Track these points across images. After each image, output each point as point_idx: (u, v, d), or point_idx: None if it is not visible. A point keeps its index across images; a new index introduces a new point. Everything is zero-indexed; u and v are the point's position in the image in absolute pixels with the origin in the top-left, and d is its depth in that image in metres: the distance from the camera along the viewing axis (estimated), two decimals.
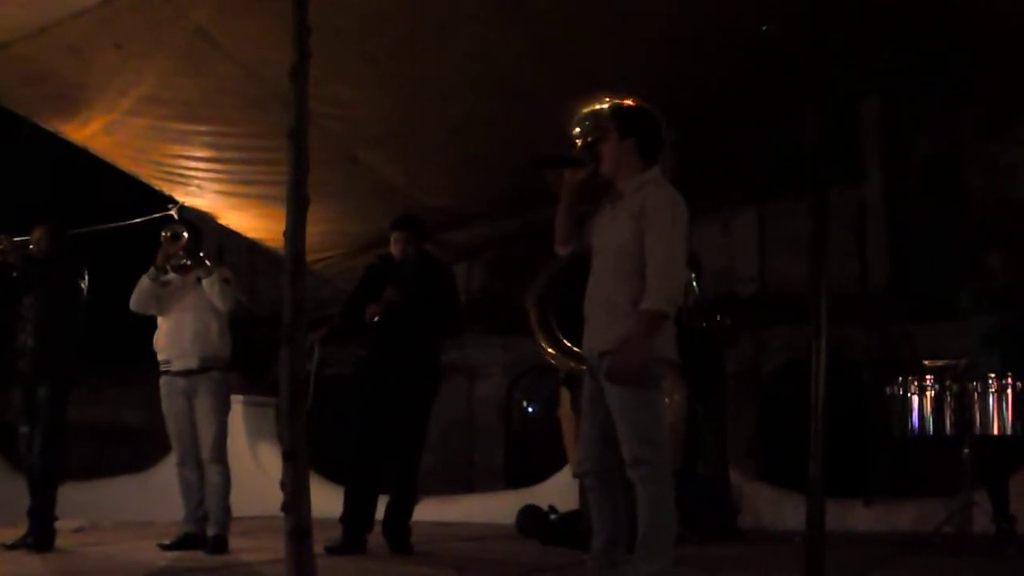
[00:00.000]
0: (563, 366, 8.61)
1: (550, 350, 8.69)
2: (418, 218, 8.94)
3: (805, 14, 7.75)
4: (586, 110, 6.35)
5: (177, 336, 8.86)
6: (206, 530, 8.69)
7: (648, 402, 5.90)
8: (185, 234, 8.85)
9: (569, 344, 8.42)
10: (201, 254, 8.92)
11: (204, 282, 8.71)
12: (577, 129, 6.24)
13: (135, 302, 8.98)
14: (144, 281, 8.93)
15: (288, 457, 4.31)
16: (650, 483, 5.89)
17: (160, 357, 8.96)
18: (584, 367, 6.76)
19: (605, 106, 6.18)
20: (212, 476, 8.72)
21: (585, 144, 6.06)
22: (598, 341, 5.98)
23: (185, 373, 8.79)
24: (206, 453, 8.71)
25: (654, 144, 6.09)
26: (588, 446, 6.14)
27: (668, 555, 5.96)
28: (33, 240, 8.93)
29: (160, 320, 9.02)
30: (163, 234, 8.91)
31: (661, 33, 8.93)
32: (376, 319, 8.48)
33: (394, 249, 8.74)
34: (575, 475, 8.97)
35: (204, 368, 8.76)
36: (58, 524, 8.92)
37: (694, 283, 9.94)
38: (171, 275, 8.92)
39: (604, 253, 6.01)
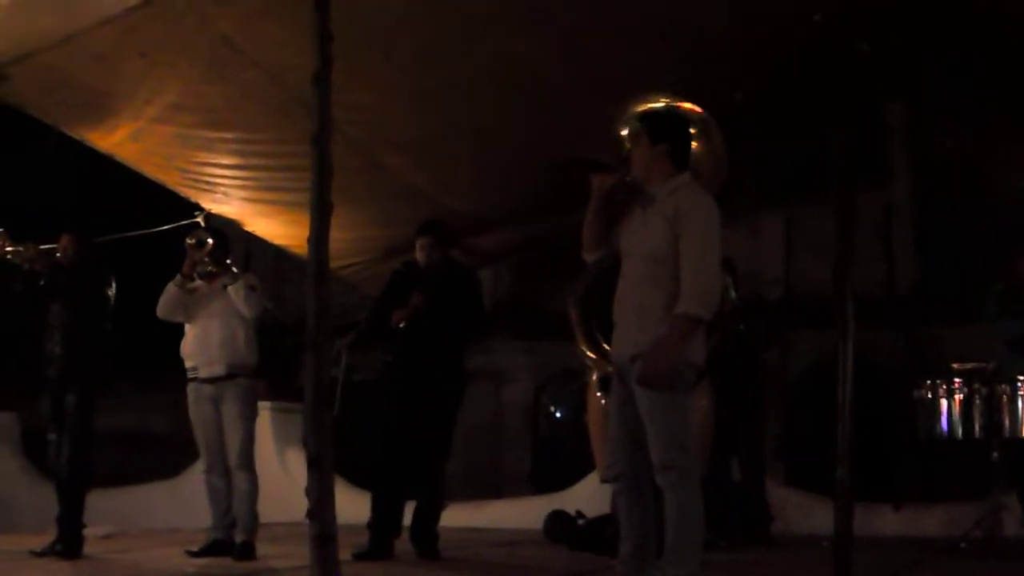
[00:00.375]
0: (602, 370, 8.60)
1: (590, 353, 8.69)
2: (443, 223, 8.95)
3: (832, 18, 7.77)
4: (626, 114, 6.40)
5: (204, 343, 8.88)
6: (234, 537, 8.70)
7: (678, 406, 5.89)
8: (210, 240, 8.88)
9: (609, 348, 8.43)
10: (228, 261, 8.94)
11: (230, 289, 8.73)
12: (625, 131, 6.26)
13: (162, 309, 9.01)
14: (170, 288, 8.96)
15: (313, 464, 4.32)
16: (679, 488, 5.89)
17: (187, 364, 8.99)
18: None
19: (637, 111, 6.20)
20: (240, 483, 8.74)
21: (617, 153, 6.12)
22: (628, 345, 5.97)
23: (212, 380, 8.81)
24: (233, 460, 8.73)
25: (686, 149, 6.09)
26: (617, 450, 6.13)
27: (696, 560, 5.95)
28: (59, 248, 8.97)
29: (187, 327, 9.06)
30: (188, 241, 8.94)
31: (687, 36, 8.90)
32: (402, 324, 8.49)
33: (419, 255, 8.75)
34: (603, 480, 8.99)
35: (231, 375, 8.78)
36: (86, 531, 8.94)
37: (730, 288, 9.94)
38: (198, 282, 8.95)
39: (635, 258, 6.00)
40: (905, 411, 10.72)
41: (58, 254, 8.96)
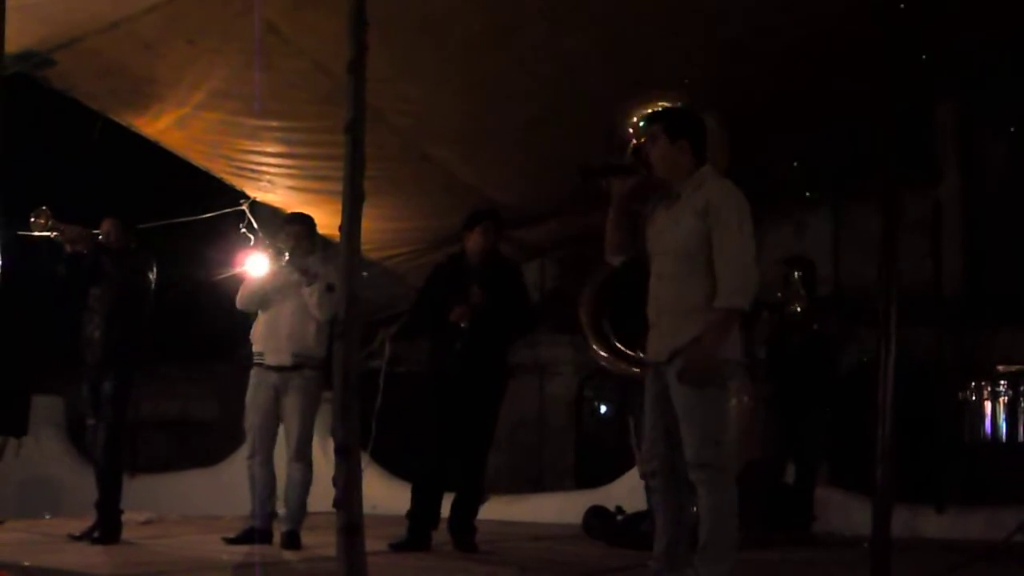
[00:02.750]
0: (616, 370, 8.56)
1: (603, 353, 8.65)
2: (497, 210, 8.92)
3: (881, 15, 7.69)
4: (633, 118, 6.38)
5: (273, 331, 8.89)
6: (271, 526, 8.71)
7: (713, 402, 5.85)
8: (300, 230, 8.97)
9: (622, 348, 8.38)
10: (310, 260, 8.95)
11: (306, 291, 8.70)
12: (631, 134, 6.25)
13: (243, 301, 9.04)
14: (253, 281, 9.02)
15: (340, 453, 4.30)
16: (712, 486, 5.84)
17: (255, 348, 9.00)
18: (636, 370, 6.77)
19: (648, 112, 6.19)
20: (295, 473, 8.77)
21: (633, 151, 6.18)
22: (666, 343, 5.93)
23: (278, 368, 8.81)
24: (291, 451, 8.74)
25: (704, 143, 6.08)
26: (653, 446, 6.09)
27: (730, 559, 5.91)
28: (102, 233, 8.99)
29: (260, 313, 9.05)
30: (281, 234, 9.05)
31: (733, 31, 8.85)
32: (464, 324, 8.44)
33: (478, 240, 8.68)
34: (641, 475, 8.96)
35: (297, 366, 8.77)
36: (125, 516, 8.97)
37: (800, 284, 9.88)
38: (280, 269, 9.02)
39: (666, 256, 5.98)
40: (950, 413, 10.65)
41: (100, 237, 8.99)
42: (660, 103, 6.66)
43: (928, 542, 9.60)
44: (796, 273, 9.99)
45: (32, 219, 8.73)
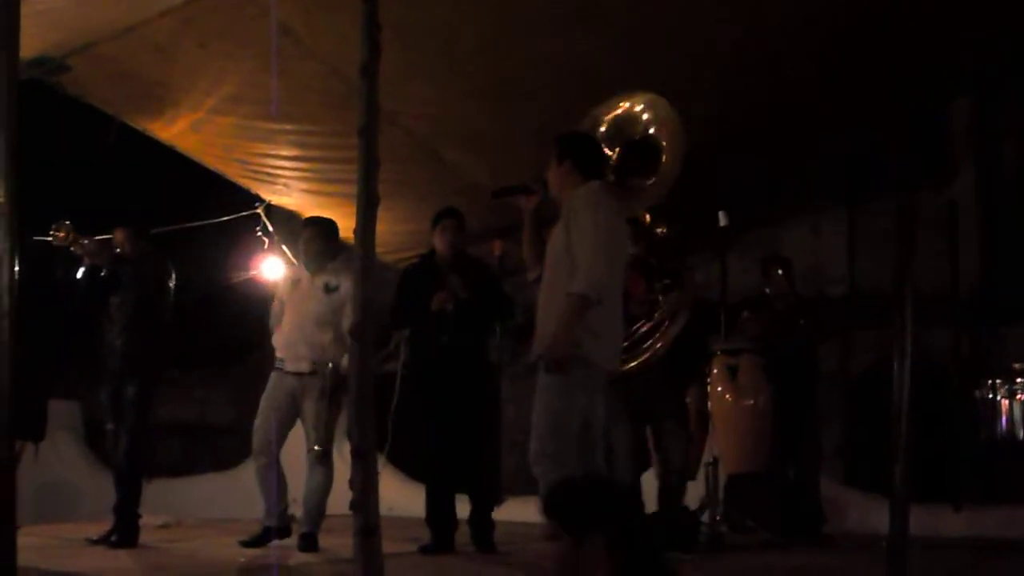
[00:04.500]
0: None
1: None
2: (458, 209, 8.93)
3: (892, 15, 7.69)
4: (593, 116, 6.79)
5: (292, 339, 8.97)
6: (287, 522, 8.74)
7: (554, 394, 6.11)
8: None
9: None
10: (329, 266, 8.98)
11: (346, 314, 8.70)
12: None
13: (272, 321, 9.18)
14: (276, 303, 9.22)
15: (357, 455, 4.31)
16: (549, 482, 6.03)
17: (277, 354, 9.09)
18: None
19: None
20: (315, 475, 8.81)
21: (537, 173, 6.59)
22: (536, 345, 6.24)
23: (296, 374, 8.84)
24: (310, 454, 8.77)
25: (591, 162, 6.47)
26: None
27: None
28: (116, 241, 9.03)
29: (284, 319, 9.09)
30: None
31: (747, 32, 8.83)
32: (449, 306, 8.45)
33: (441, 239, 8.73)
34: (657, 477, 8.99)
35: (315, 372, 8.80)
36: (143, 520, 9.02)
37: (784, 280, 9.89)
38: (301, 275, 9.06)
39: (547, 267, 6.34)
40: (966, 411, 10.62)
41: (117, 248, 9.03)
42: (621, 102, 6.94)
43: (945, 541, 9.57)
44: (779, 270, 10.00)
45: (52, 232, 8.78)
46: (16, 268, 2.63)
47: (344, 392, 8.75)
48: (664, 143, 7.06)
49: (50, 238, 8.76)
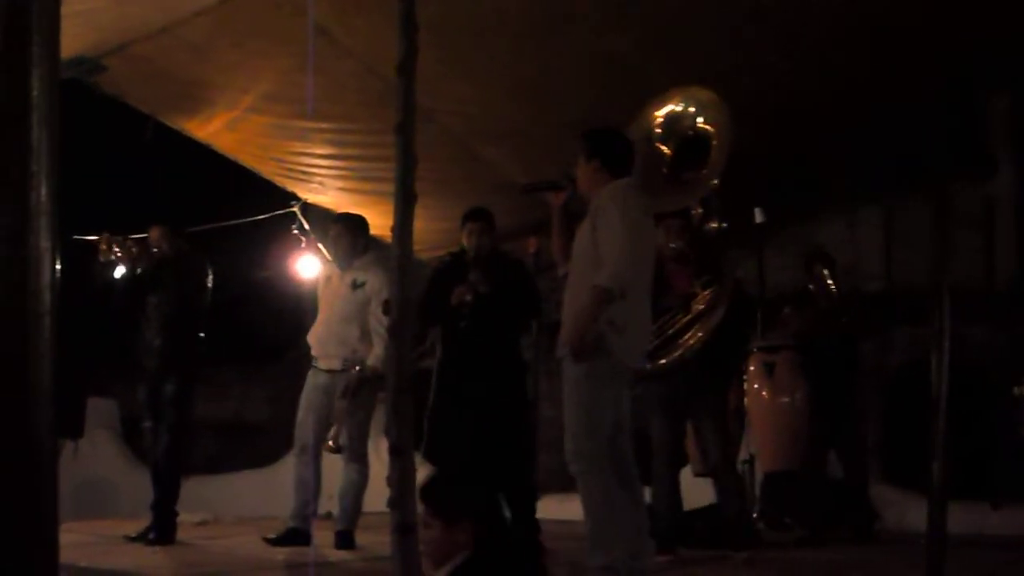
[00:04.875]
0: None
1: None
2: (487, 210, 8.89)
3: (930, 8, 7.65)
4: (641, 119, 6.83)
5: (324, 337, 9.00)
6: (310, 527, 8.71)
7: (587, 392, 6.17)
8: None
9: None
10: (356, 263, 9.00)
11: (376, 311, 8.72)
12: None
13: None
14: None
15: (395, 453, 4.31)
16: (589, 481, 6.16)
17: (312, 352, 9.13)
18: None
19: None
20: (349, 473, 8.81)
21: (566, 170, 6.62)
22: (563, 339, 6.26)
23: (328, 371, 8.88)
24: (345, 452, 8.78)
25: (620, 160, 6.47)
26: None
27: (611, 549, 6.12)
28: (152, 240, 9.07)
29: (318, 317, 9.14)
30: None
31: (784, 27, 8.80)
32: (468, 297, 8.42)
33: (467, 241, 8.69)
34: (695, 474, 8.97)
35: (346, 369, 8.81)
36: (180, 518, 9.06)
37: (827, 277, 9.84)
38: (332, 272, 9.09)
39: (574, 263, 6.40)
40: (1004, 408, 10.56)
41: (154, 248, 9.07)
42: (674, 100, 6.96)
43: (984, 538, 9.53)
44: (822, 267, 9.94)
45: (94, 244, 8.85)
46: (57, 267, 2.64)
47: (373, 390, 8.77)
48: (713, 132, 7.12)
49: (92, 238, 8.81)
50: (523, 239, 10.50)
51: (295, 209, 11.80)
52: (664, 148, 7.29)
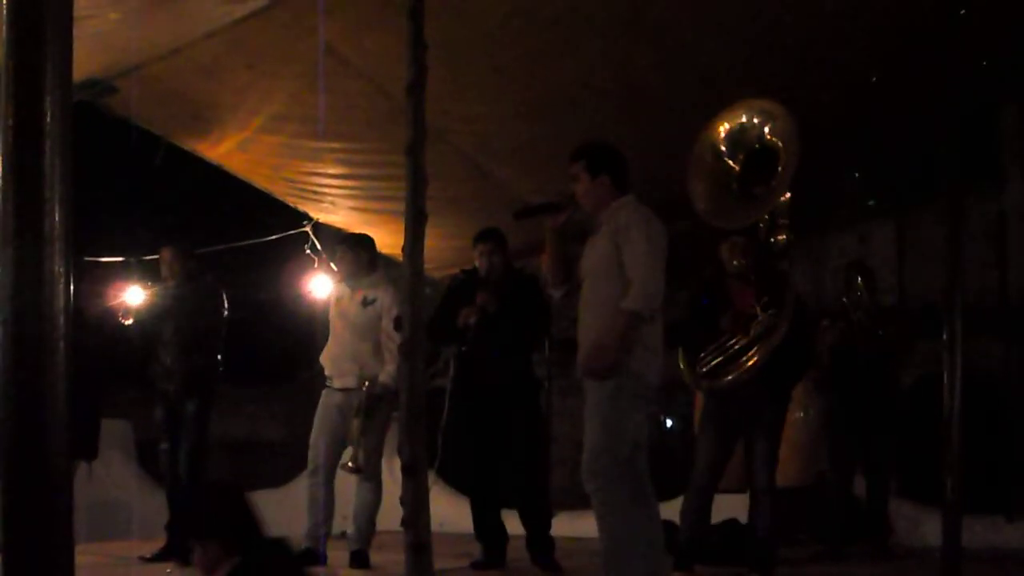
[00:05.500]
0: (696, 385, 8.57)
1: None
2: (499, 230, 8.88)
3: (941, 21, 7.65)
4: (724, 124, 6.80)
5: (337, 355, 9.02)
6: (322, 548, 8.71)
7: (611, 412, 6.09)
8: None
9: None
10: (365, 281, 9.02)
11: (387, 315, 8.73)
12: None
13: None
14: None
15: (407, 471, 4.32)
16: (599, 496, 6.12)
17: (326, 371, 9.14)
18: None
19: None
20: (363, 492, 8.81)
21: (563, 190, 6.52)
22: (583, 355, 6.22)
23: (343, 390, 8.88)
24: (344, 470, 8.79)
25: (625, 175, 6.44)
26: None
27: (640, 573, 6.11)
28: (163, 260, 9.10)
29: (330, 337, 9.15)
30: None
31: (793, 41, 8.81)
32: (472, 320, 8.41)
33: (479, 262, 8.72)
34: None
35: (360, 387, 8.81)
36: None
37: (864, 289, 9.78)
38: (343, 292, 9.11)
39: (588, 279, 6.32)
40: (1018, 421, 10.55)
41: (163, 270, 9.11)
42: (738, 113, 6.95)
43: (999, 552, 9.51)
44: (859, 279, 9.87)
45: (120, 317, 8.93)
46: (72, 290, 2.66)
47: (384, 409, 8.77)
48: (781, 144, 7.13)
49: (112, 259, 8.88)
50: (537, 256, 10.53)
51: (307, 229, 11.80)
52: (732, 163, 7.29)
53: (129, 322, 8.98)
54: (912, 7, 8.33)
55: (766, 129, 7.32)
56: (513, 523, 8.74)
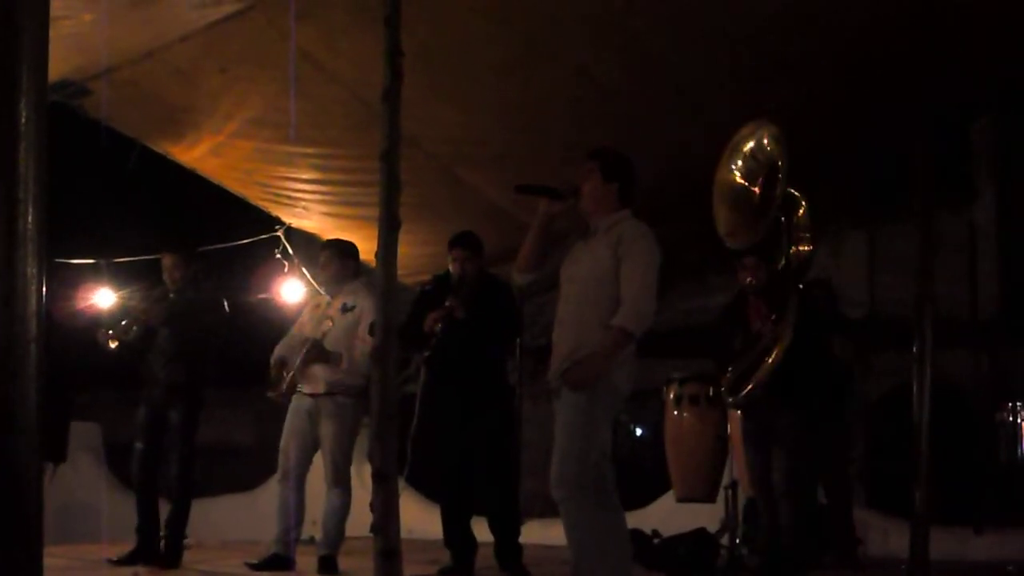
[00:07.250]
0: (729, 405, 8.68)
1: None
2: (474, 234, 8.88)
3: (912, 35, 7.69)
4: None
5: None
6: (292, 553, 8.72)
7: (587, 422, 6.11)
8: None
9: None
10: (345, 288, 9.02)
11: (365, 324, 8.72)
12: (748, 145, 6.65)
13: (279, 347, 9.24)
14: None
15: (378, 478, 4.32)
16: (566, 504, 6.12)
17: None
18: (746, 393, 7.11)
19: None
20: (332, 499, 8.83)
21: (570, 181, 6.48)
22: (561, 360, 6.23)
23: (312, 396, 8.86)
24: (328, 476, 8.79)
25: (633, 190, 6.45)
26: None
27: None
28: (165, 267, 9.06)
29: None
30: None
31: (767, 55, 8.83)
32: (438, 327, 8.40)
33: (452, 268, 8.72)
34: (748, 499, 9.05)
35: (329, 392, 8.82)
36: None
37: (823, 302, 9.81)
38: (320, 299, 9.12)
39: (576, 282, 6.33)
40: (987, 434, 10.60)
41: (165, 275, 9.07)
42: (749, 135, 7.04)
43: (966, 564, 9.55)
44: (823, 294, 9.91)
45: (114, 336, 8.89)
46: (44, 293, 2.65)
47: (358, 414, 8.80)
48: (779, 163, 7.18)
49: (83, 261, 8.83)
50: (509, 263, 10.52)
51: (279, 234, 11.79)
52: (750, 185, 7.32)
53: (114, 346, 8.92)
54: (885, 21, 8.37)
55: (770, 149, 7.35)
56: (482, 530, 8.74)
